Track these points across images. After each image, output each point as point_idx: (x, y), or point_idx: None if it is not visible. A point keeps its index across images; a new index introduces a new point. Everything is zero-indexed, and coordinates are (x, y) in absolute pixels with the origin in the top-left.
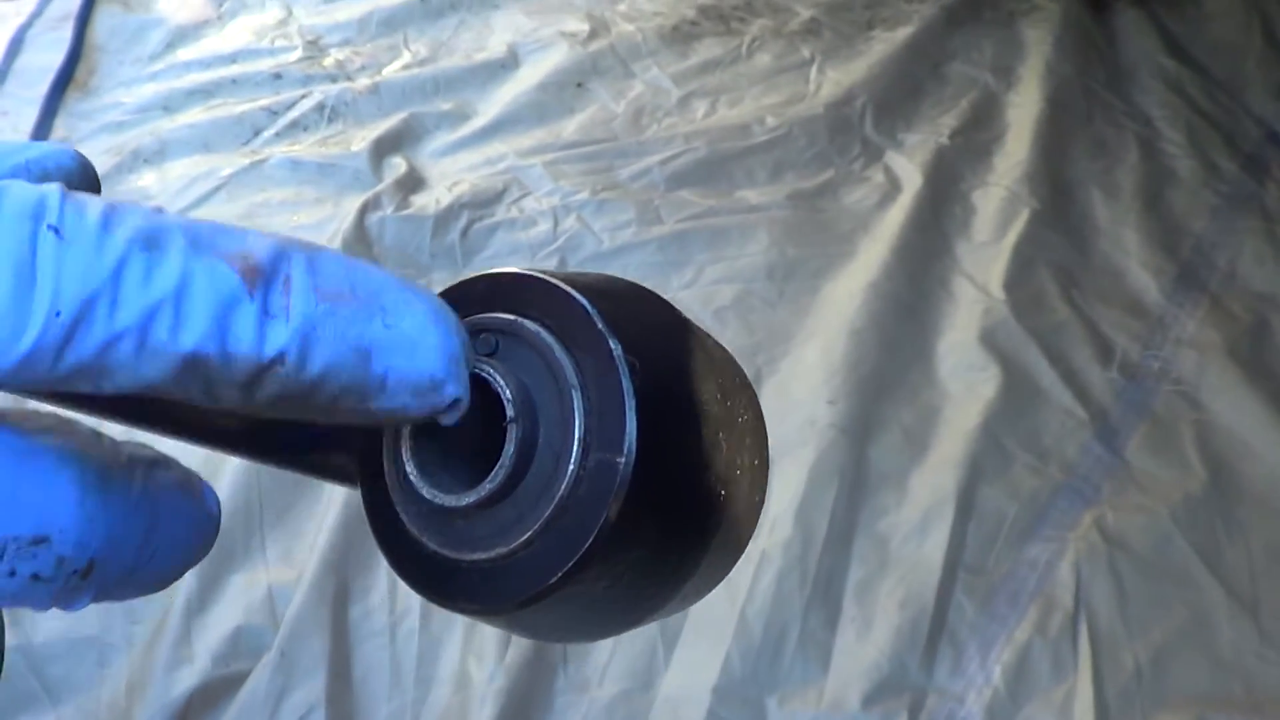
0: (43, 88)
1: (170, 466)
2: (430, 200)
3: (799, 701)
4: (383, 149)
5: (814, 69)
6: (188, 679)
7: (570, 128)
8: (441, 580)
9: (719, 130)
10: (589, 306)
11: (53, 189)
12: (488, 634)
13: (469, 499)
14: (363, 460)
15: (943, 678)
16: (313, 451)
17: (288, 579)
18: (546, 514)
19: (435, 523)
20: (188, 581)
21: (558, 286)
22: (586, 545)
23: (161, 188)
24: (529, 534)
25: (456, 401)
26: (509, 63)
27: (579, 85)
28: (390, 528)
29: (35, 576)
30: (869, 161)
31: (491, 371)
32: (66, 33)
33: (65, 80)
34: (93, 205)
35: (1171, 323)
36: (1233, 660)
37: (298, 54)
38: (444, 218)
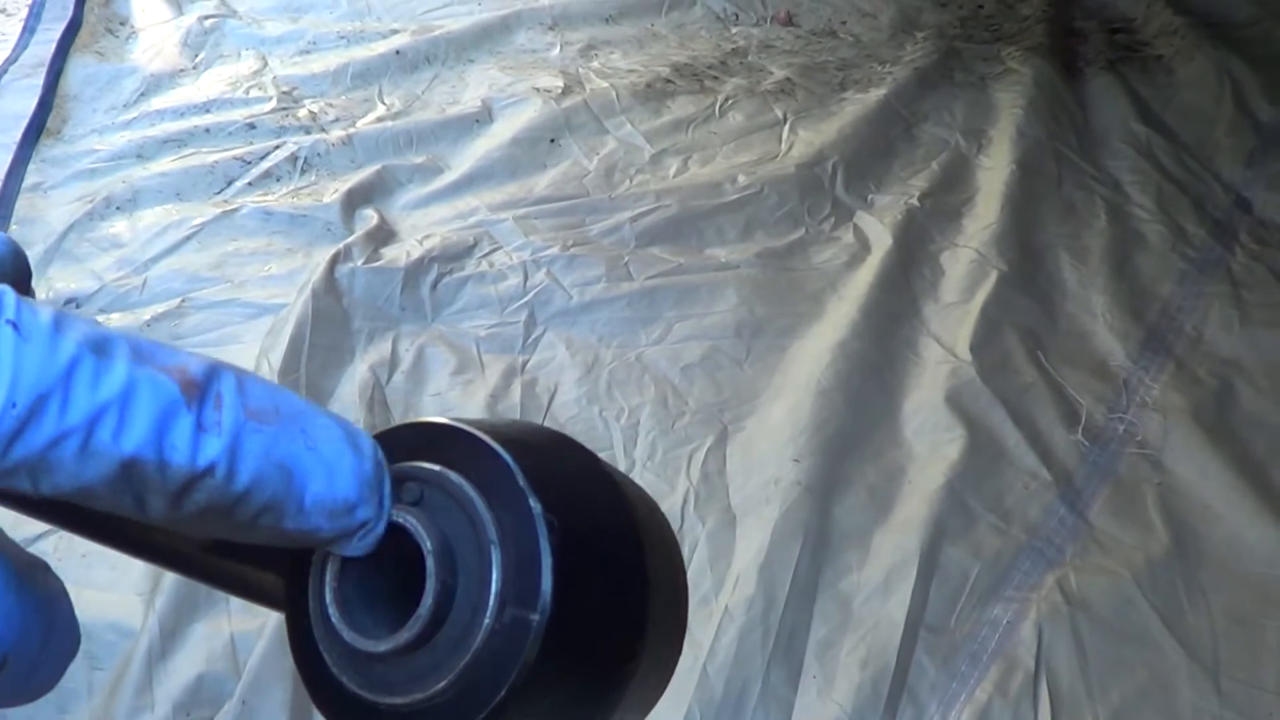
0: (15, 134)
1: (51, 572)
2: (401, 253)
3: None
4: (354, 201)
5: (786, 129)
6: None
7: (542, 183)
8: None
9: (690, 188)
10: (512, 463)
11: (6, 289)
12: None
13: (386, 645)
14: (289, 588)
15: None
16: (239, 568)
17: (250, 628)
18: (461, 665)
19: (355, 664)
20: (150, 628)
21: (484, 442)
22: (499, 698)
23: (133, 235)
24: (444, 683)
25: (366, 524)
26: (483, 117)
27: (552, 141)
28: (312, 663)
29: None
30: (839, 221)
31: (415, 522)
32: (39, 80)
33: (38, 127)
34: (43, 308)
35: (1137, 386)
36: None
37: (272, 104)
38: (414, 270)
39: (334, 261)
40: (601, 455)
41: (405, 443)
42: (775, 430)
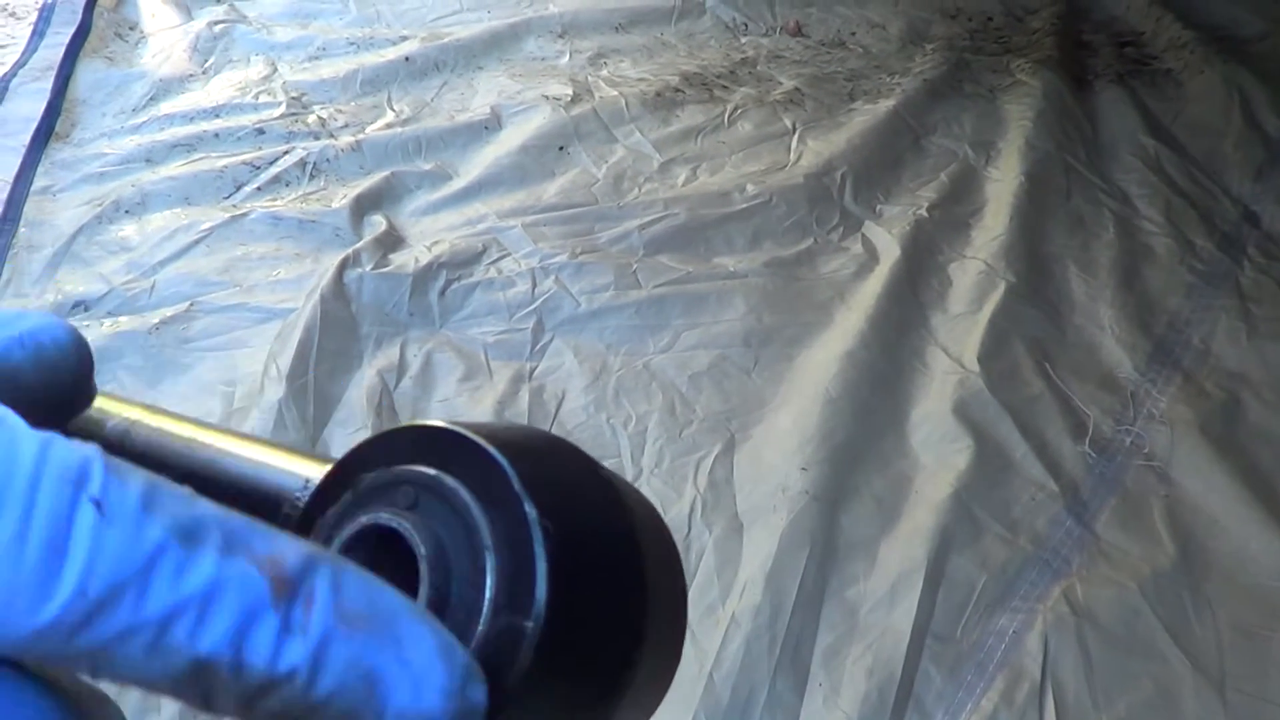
0: (25, 137)
1: (109, 703)
2: (409, 259)
3: None
4: (363, 207)
5: (795, 138)
6: None
7: (551, 190)
8: None
9: (699, 196)
10: (508, 467)
11: (95, 454)
12: None
13: None
14: None
15: None
16: None
17: None
18: None
19: None
20: None
21: (480, 446)
22: (493, 705)
23: (142, 239)
24: None
25: None
26: (491, 124)
27: (561, 149)
28: None
29: None
30: (847, 231)
31: (409, 527)
32: (48, 84)
33: (47, 130)
34: (134, 481)
35: (1144, 398)
36: None
37: (281, 110)
38: (422, 276)
39: (343, 267)
40: (609, 463)
41: (403, 445)
42: (783, 439)
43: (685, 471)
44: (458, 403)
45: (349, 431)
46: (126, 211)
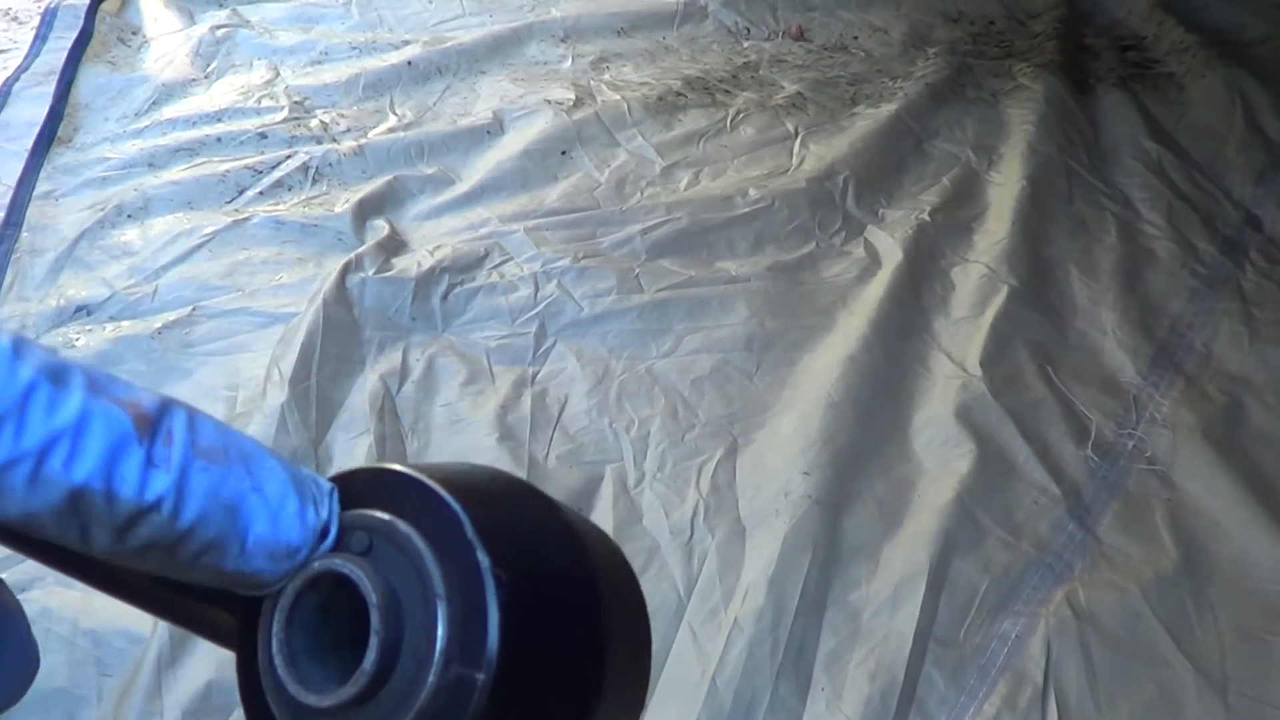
0: (27, 142)
1: (5, 588)
2: (412, 263)
3: None
4: (366, 211)
5: (797, 143)
6: None
7: (553, 195)
8: None
9: (701, 201)
10: (461, 514)
11: None
12: None
13: (330, 700)
14: (240, 631)
15: None
16: (192, 604)
17: None
18: None
19: (300, 716)
20: (160, 636)
21: (434, 491)
22: None
23: (144, 243)
24: None
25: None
26: (494, 129)
27: (563, 153)
28: (260, 712)
29: None
30: (850, 236)
31: (361, 574)
32: (50, 89)
33: (49, 135)
34: (3, 336)
35: (1147, 402)
36: None
37: (284, 114)
38: (425, 281)
39: (345, 271)
40: (610, 466)
41: (359, 488)
42: (785, 443)
43: (688, 475)
44: (460, 407)
45: (351, 436)
46: (129, 216)
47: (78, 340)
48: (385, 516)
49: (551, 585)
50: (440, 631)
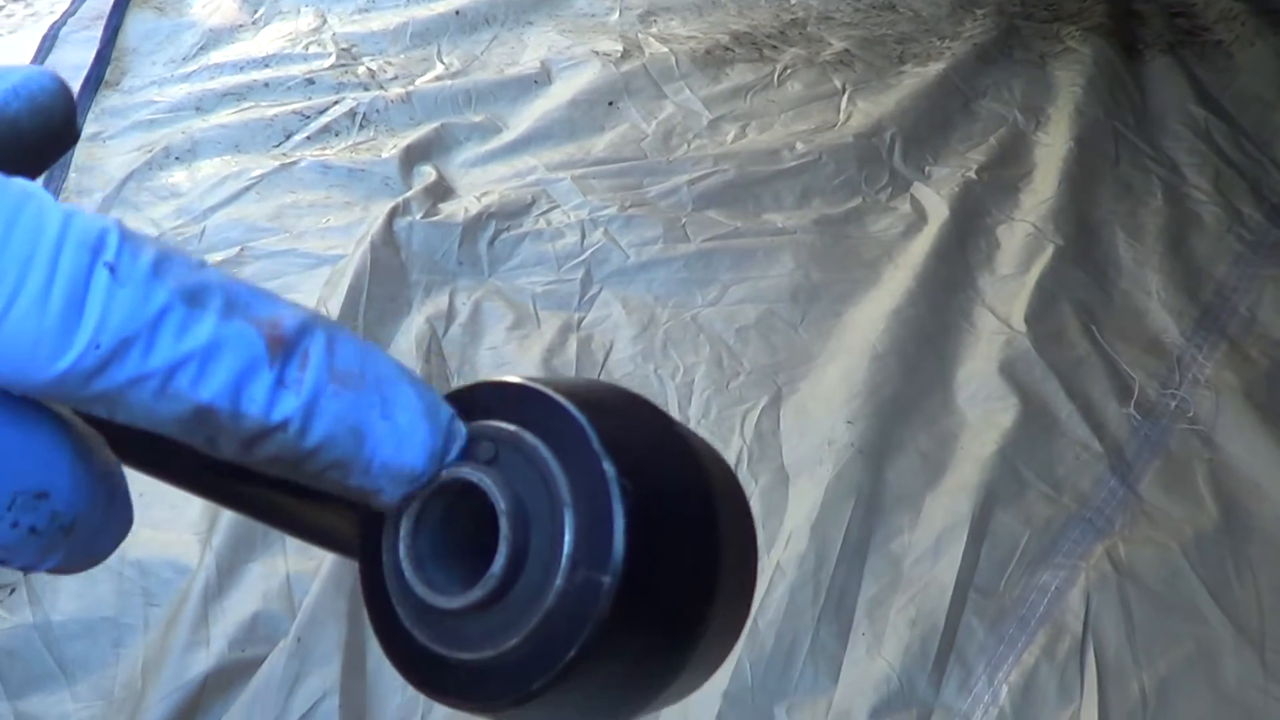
0: (75, 84)
1: (108, 447)
2: (459, 208)
3: (807, 712)
4: (413, 157)
5: (844, 99)
6: (203, 661)
7: (600, 145)
8: (431, 674)
9: (748, 154)
10: (587, 426)
11: (113, 225)
12: None
13: (458, 602)
14: (363, 539)
15: (950, 696)
16: (315, 512)
17: (306, 569)
18: (533, 624)
19: (427, 619)
20: (207, 567)
21: (559, 403)
22: (569, 657)
23: (191, 185)
24: (515, 641)
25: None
26: (541, 79)
27: (610, 104)
28: (384, 615)
29: (32, 529)
30: (896, 192)
31: (489, 482)
32: (97, 33)
33: (97, 79)
34: (147, 250)
35: (1190, 363)
36: (1237, 694)
37: (331, 61)
38: (472, 226)
39: (392, 215)
40: None
41: (482, 401)
42: (829, 393)
43: (732, 423)
44: (506, 350)
45: None
46: (176, 158)
47: None
48: (511, 427)
49: (671, 494)
50: (568, 537)
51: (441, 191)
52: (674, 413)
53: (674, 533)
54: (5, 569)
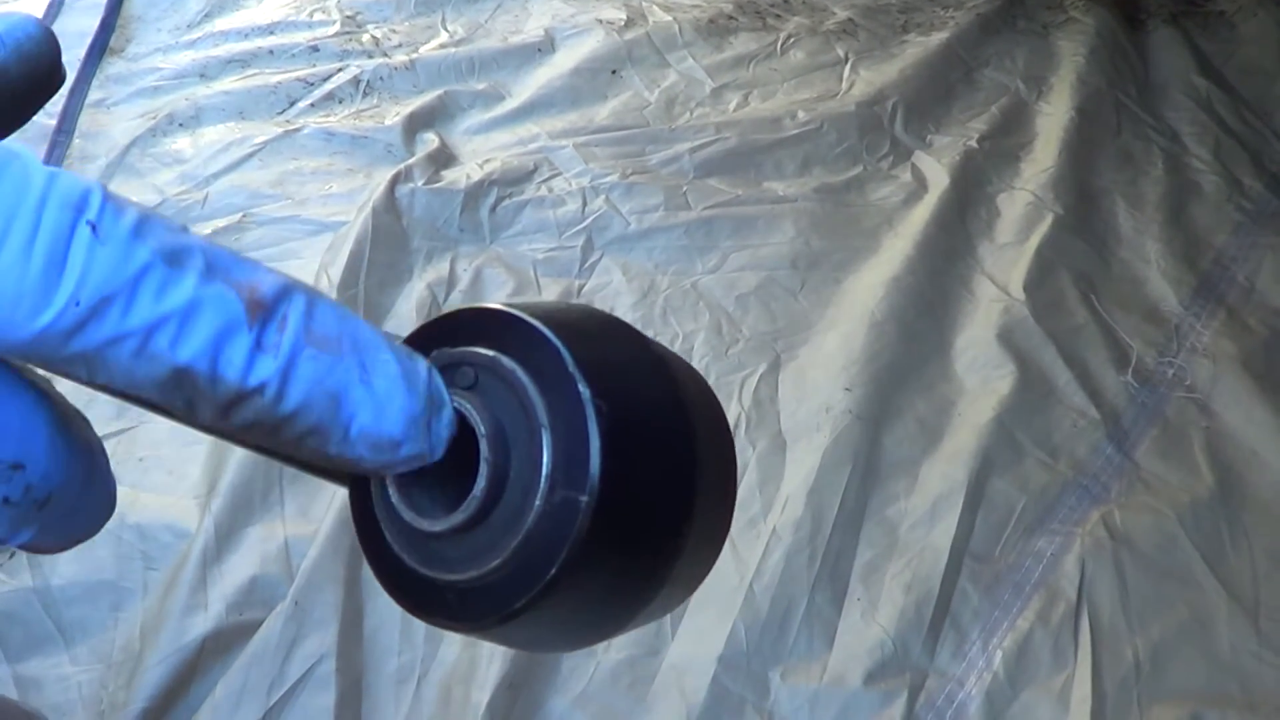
0: (80, 51)
1: (89, 425)
2: (461, 175)
3: (802, 675)
4: (416, 124)
5: (847, 68)
6: (201, 624)
7: (603, 113)
8: (420, 596)
9: (750, 122)
10: (563, 349)
11: (96, 186)
12: None
13: (442, 525)
14: None
15: (944, 660)
16: None
17: (304, 533)
18: (514, 544)
19: (414, 542)
20: (206, 530)
21: (536, 328)
22: (550, 575)
23: (195, 151)
24: (498, 561)
25: (412, 459)
26: (545, 47)
27: (613, 72)
28: (374, 541)
29: (5, 500)
30: (897, 160)
31: (469, 407)
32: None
33: (101, 45)
34: (129, 212)
35: (1188, 332)
36: (1231, 660)
37: (335, 29)
38: (474, 193)
39: (394, 181)
40: None
41: (465, 326)
42: (828, 360)
43: (730, 389)
44: None
45: None
46: (180, 125)
47: None
48: (490, 353)
49: (646, 415)
50: (546, 458)
51: (444, 158)
52: None
53: (650, 452)
54: None
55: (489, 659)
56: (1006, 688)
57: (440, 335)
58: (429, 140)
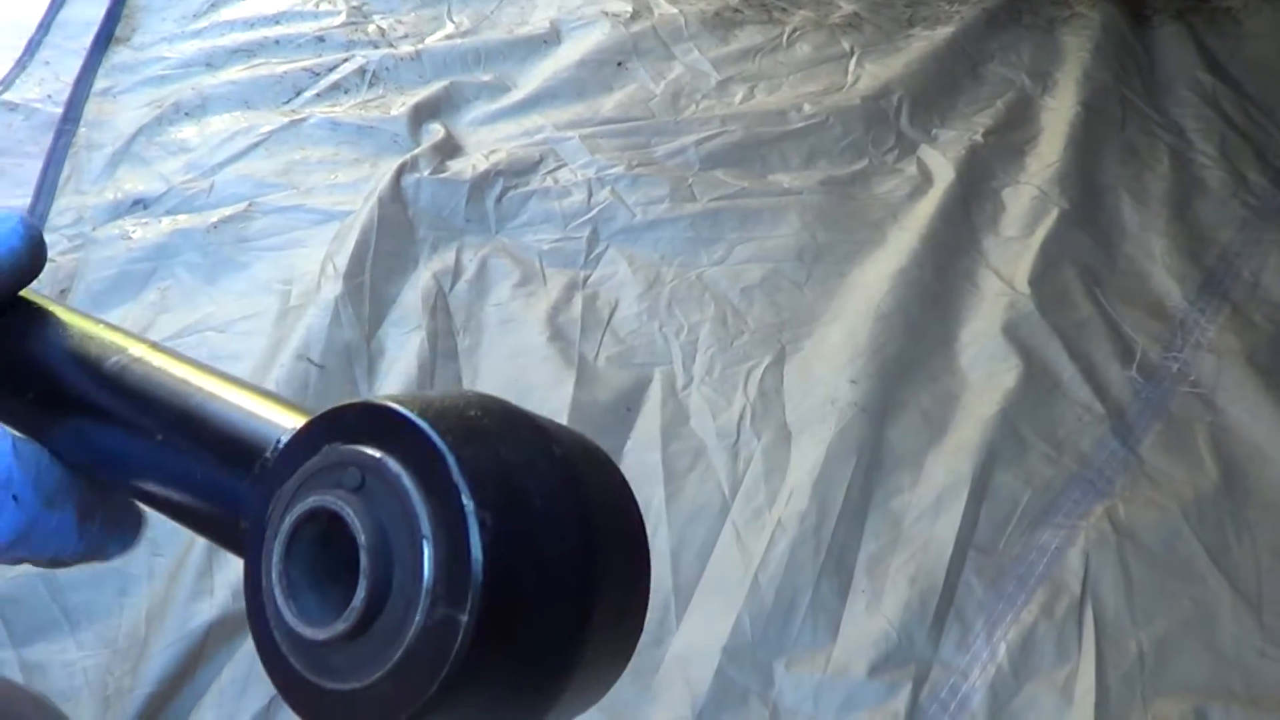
0: (86, 39)
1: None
2: (467, 166)
3: (806, 666)
4: (421, 115)
5: (853, 61)
6: (207, 611)
7: (609, 104)
8: (307, 700)
9: (756, 115)
10: (449, 455)
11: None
12: None
13: (324, 634)
14: (248, 563)
15: (949, 652)
16: (190, 498)
17: None
18: (395, 659)
19: (300, 646)
20: None
21: (423, 431)
22: (429, 694)
23: (201, 140)
24: (379, 675)
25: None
26: (551, 39)
27: (619, 64)
28: (265, 639)
29: None
30: (902, 154)
31: (351, 513)
32: None
33: (107, 34)
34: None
35: (1192, 327)
36: (1234, 655)
37: (341, 19)
38: (479, 183)
39: (400, 171)
40: (659, 369)
41: (350, 421)
42: (833, 352)
43: (736, 380)
44: (512, 307)
45: (404, 331)
46: (186, 114)
47: (134, 232)
48: (377, 454)
49: (539, 525)
50: (427, 571)
51: (450, 149)
52: (678, 370)
53: (540, 566)
54: None
55: None
56: (1010, 680)
57: (336, 429)
58: (435, 131)
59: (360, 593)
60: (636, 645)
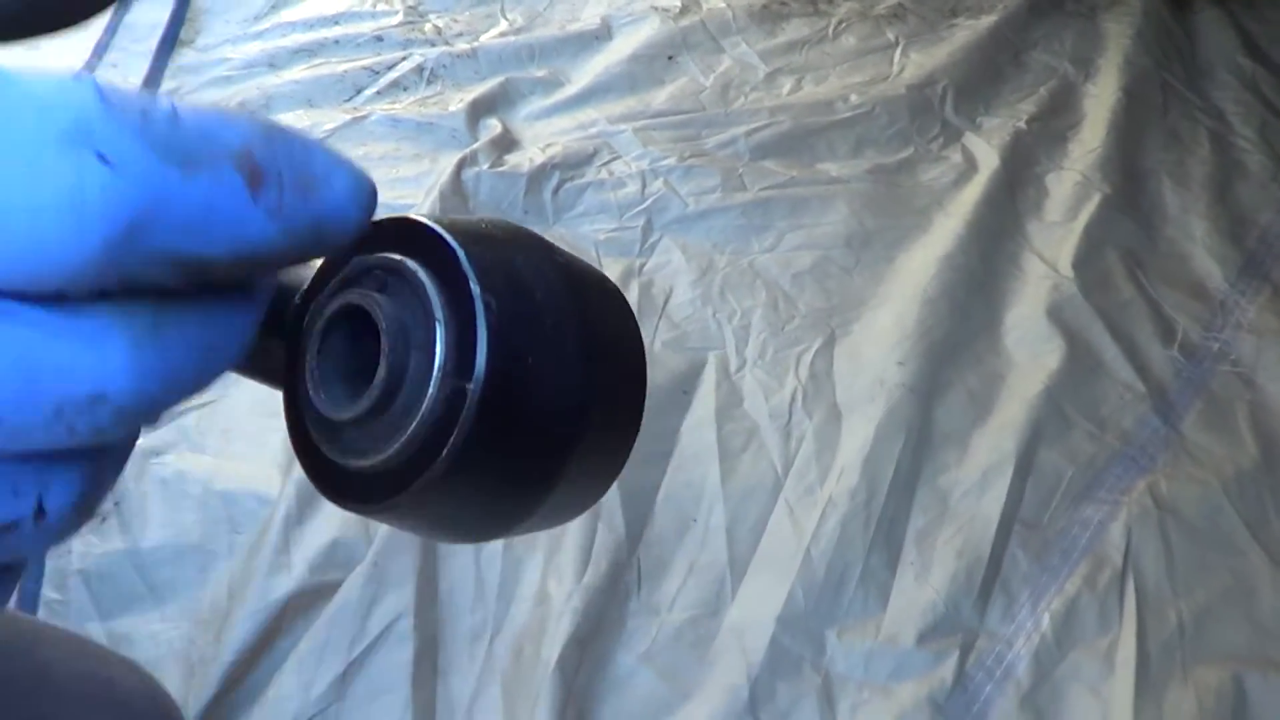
0: (151, 42)
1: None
2: (524, 159)
3: (857, 635)
4: (479, 111)
5: (898, 52)
6: (285, 584)
7: (660, 97)
8: (334, 482)
9: (803, 106)
10: (458, 249)
11: (92, 98)
12: (566, 556)
13: (348, 413)
14: (288, 368)
15: (994, 622)
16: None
17: None
18: (410, 430)
19: (328, 432)
20: (288, 497)
21: (438, 234)
22: (441, 458)
23: None
24: (397, 446)
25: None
26: (602, 34)
27: (670, 58)
28: (300, 435)
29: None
30: (948, 142)
31: (373, 305)
32: None
33: (172, 37)
34: (130, 117)
35: (1233, 308)
36: (1272, 625)
37: (398, 19)
38: (537, 176)
39: (460, 166)
40: (713, 353)
41: (383, 236)
42: (881, 335)
43: (787, 363)
44: None
45: None
46: (252, 112)
47: None
48: (397, 257)
49: (538, 313)
50: (439, 350)
51: (507, 143)
52: (731, 354)
53: (540, 348)
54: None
55: (558, 618)
56: (1054, 649)
57: (362, 242)
58: (492, 126)
59: (381, 372)
60: (632, 447)
